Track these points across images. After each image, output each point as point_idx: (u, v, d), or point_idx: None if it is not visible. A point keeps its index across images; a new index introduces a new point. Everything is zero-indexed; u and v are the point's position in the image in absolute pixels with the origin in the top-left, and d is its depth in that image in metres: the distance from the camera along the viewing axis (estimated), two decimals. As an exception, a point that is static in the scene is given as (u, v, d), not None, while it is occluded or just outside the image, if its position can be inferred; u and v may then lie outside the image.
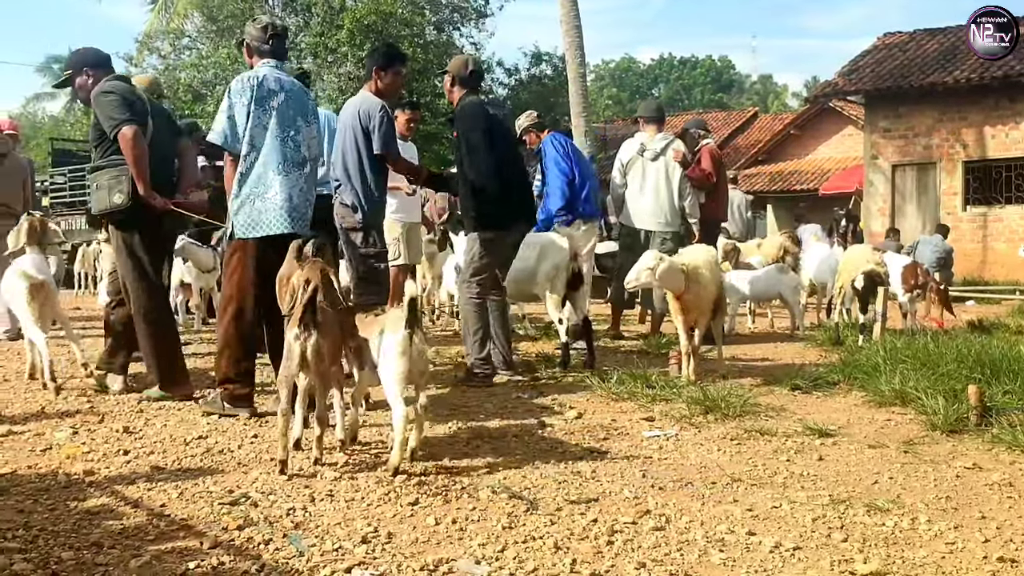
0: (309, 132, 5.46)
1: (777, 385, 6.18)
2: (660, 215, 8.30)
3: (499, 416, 5.27)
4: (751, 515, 3.52)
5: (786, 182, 29.36)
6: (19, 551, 3.05)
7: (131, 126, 5.32)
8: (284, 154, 5.28)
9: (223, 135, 5.27)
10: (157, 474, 4.00)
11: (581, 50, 17.59)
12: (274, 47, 5.46)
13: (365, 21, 23.14)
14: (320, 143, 5.62)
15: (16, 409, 5.36)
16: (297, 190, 5.31)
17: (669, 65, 68.13)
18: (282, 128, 5.29)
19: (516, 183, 6.46)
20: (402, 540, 3.21)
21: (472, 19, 26.88)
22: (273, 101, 5.28)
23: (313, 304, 4.02)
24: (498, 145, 6.37)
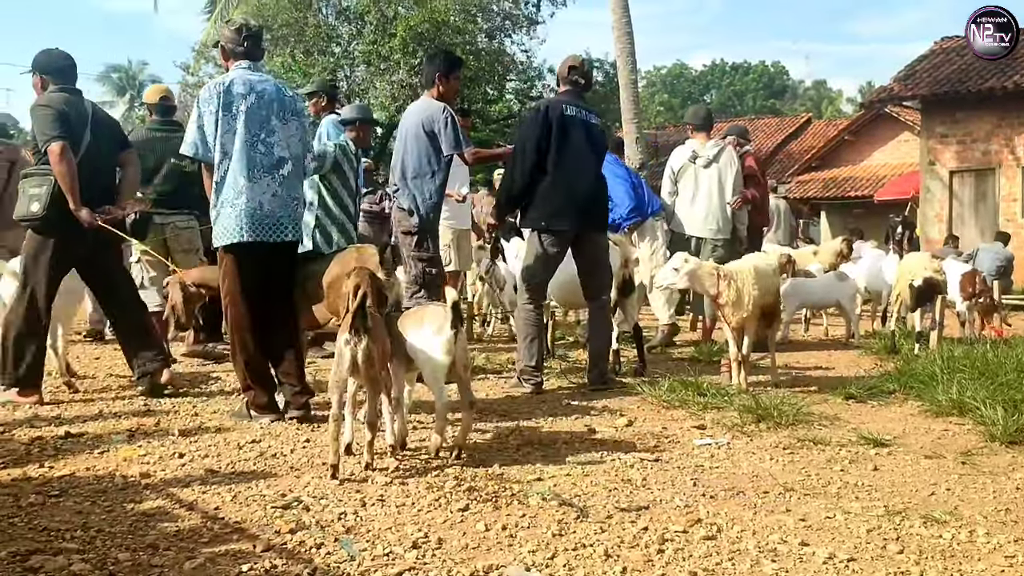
0: (287, 131, 5.30)
1: (831, 394, 6.10)
2: (712, 222, 8.23)
3: (549, 422, 5.27)
4: (804, 525, 3.47)
5: (840, 188, 29.03)
6: (77, 551, 3.10)
7: (59, 142, 5.45)
8: (252, 159, 5.15)
9: (194, 146, 5.20)
10: (211, 477, 4.06)
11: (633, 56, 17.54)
12: (248, 48, 5.34)
13: (418, 29, 23.26)
14: (303, 141, 5.46)
15: (74, 412, 5.46)
16: (270, 195, 5.18)
17: (721, 71, 67.78)
18: (250, 132, 5.16)
19: (577, 186, 6.35)
20: (452, 546, 3.22)
21: (524, 26, 26.89)
22: (241, 104, 5.16)
23: (363, 310, 4.05)
24: (560, 146, 6.31)
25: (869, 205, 26.93)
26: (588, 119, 6.46)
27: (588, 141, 6.41)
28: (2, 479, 3.99)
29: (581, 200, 6.37)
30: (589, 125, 6.44)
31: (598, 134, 6.54)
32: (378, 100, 24.21)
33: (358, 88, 25.45)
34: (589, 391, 6.22)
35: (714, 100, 61.57)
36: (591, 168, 6.45)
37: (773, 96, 65.85)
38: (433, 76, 6.61)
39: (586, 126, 6.42)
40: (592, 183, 6.45)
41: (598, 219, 6.58)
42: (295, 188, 5.36)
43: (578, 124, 6.38)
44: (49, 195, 5.53)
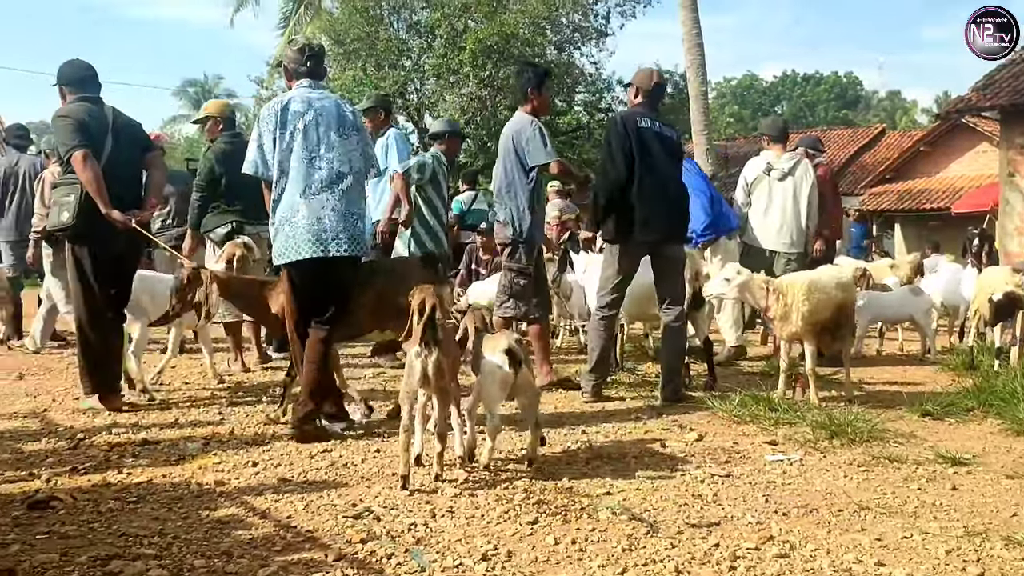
0: (347, 145, 5.27)
1: (907, 410, 5.96)
2: (786, 235, 8.14)
3: (617, 436, 5.24)
4: (880, 545, 3.40)
5: (915, 200, 28.47)
6: (154, 557, 3.17)
7: (80, 150, 5.56)
8: (309, 175, 5.16)
9: (253, 164, 5.25)
10: (284, 486, 4.11)
11: (703, 68, 17.44)
12: (311, 68, 5.40)
13: (487, 42, 23.39)
14: (365, 155, 5.41)
15: (152, 419, 5.58)
16: (328, 210, 5.15)
17: (792, 82, 67.05)
18: (307, 149, 5.18)
19: (660, 197, 6.34)
20: (522, 559, 3.22)
21: (592, 38, 26.85)
22: (299, 122, 5.19)
23: (433, 322, 4.08)
24: (641, 158, 6.31)
25: (945, 217, 26.34)
26: (662, 131, 6.44)
27: (666, 152, 6.41)
28: (83, 485, 4.09)
29: (664, 211, 6.36)
30: (663, 136, 6.42)
31: (674, 145, 6.52)
32: (447, 112, 24.36)
33: (428, 101, 25.68)
34: (660, 405, 6.18)
35: (785, 111, 60.88)
36: (673, 178, 6.46)
37: (846, 107, 64.93)
38: (525, 91, 6.82)
39: (660, 137, 6.40)
40: (674, 193, 6.45)
41: (679, 230, 6.59)
42: (355, 203, 5.30)
43: (653, 136, 6.37)
44: (77, 203, 5.67)
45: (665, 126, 6.53)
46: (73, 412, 5.80)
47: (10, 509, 3.72)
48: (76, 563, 3.09)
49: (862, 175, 31.93)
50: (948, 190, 27.93)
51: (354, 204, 5.28)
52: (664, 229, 6.39)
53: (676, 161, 6.52)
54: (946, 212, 26.38)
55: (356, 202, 5.32)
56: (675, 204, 6.45)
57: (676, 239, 6.55)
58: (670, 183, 6.42)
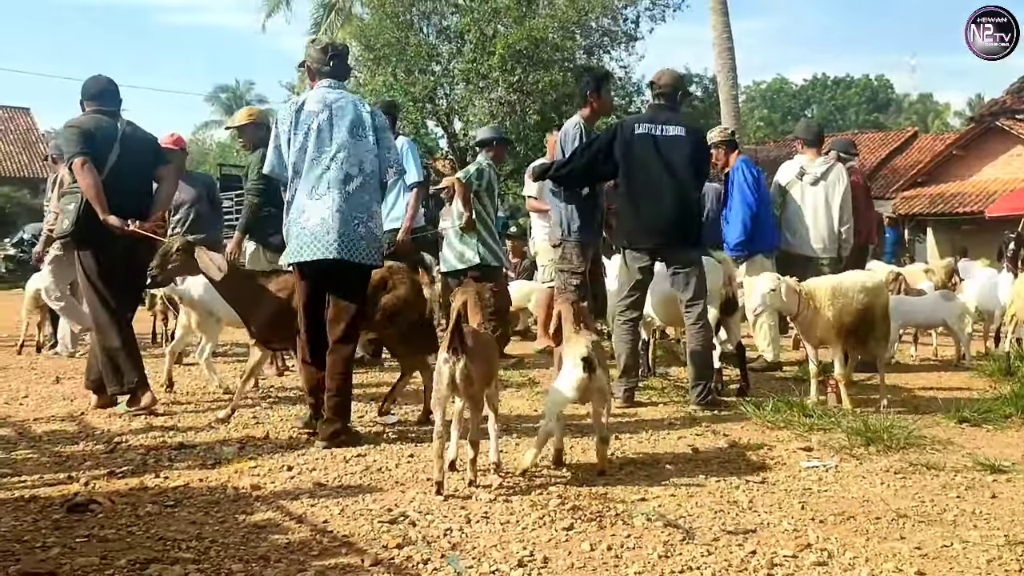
0: (361, 147, 5.22)
1: (943, 416, 5.90)
2: (819, 240, 8.09)
3: (651, 442, 5.22)
4: (920, 554, 3.37)
5: (948, 204, 28.21)
6: (193, 561, 3.19)
7: (80, 157, 5.70)
8: (318, 175, 5.13)
9: (271, 164, 5.29)
10: (319, 490, 4.13)
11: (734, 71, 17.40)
12: (333, 67, 5.38)
13: (517, 47, 23.44)
14: (381, 157, 5.32)
15: (188, 423, 5.62)
16: (334, 210, 5.09)
17: (823, 85, 66.65)
18: (319, 148, 5.15)
19: (649, 206, 6.36)
20: (558, 565, 3.21)
21: (622, 43, 26.86)
22: (312, 122, 5.17)
23: (459, 328, 4.09)
24: (629, 166, 6.39)
25: (979, 221, 26.07)
26: (665, 134, 6.34)
27: (663, 159, 6.31)
28: (121, 488, 4.13)
29: (654, 220, 6.37)
30: (668, 141, 6.33)
31: (680, 150, 6.34)
32: (477, 117, 24.44)
33: (457, 106, 25.73)
34: (692, 410, 6.16)
35: (816, 115, 60.52)
36: (667, 186, 6.32)
37: (877, 110, 64.46)
38: (585, 94, 6.88)
39: (664, 142, 6.33)
40: (670, 199, 6.33)
41: (676, 236, 6.41)
42: (360, 206, 5.18)
43: (651, 141, 6.33)
44: (77, 211, 5.80)
45: (679, 127, 6.40)
46: (109, 415, 5.86)
47: (50, 512, 3.76)
48: (116, 566, 3.12)
49: (894, 179, 31.68)
50: (981, 194, 27.66)
51: (359, 207, 5.18)
52: (655, 236, 6.40)
53: (687, 165, 6.34)
54: (979, 216, 26.11)
55: (364, 204, 5.21)
56: (671, 210, 6.33)
57: (675, 244, 6.42)
58: (664, 189, 6.32)
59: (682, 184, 6.36)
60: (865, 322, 6.28)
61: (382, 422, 5.66)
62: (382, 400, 5.96)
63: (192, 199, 8.51)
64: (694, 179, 6.46)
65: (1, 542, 3.37)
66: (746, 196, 7.93)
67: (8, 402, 6.30)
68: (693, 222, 6.50)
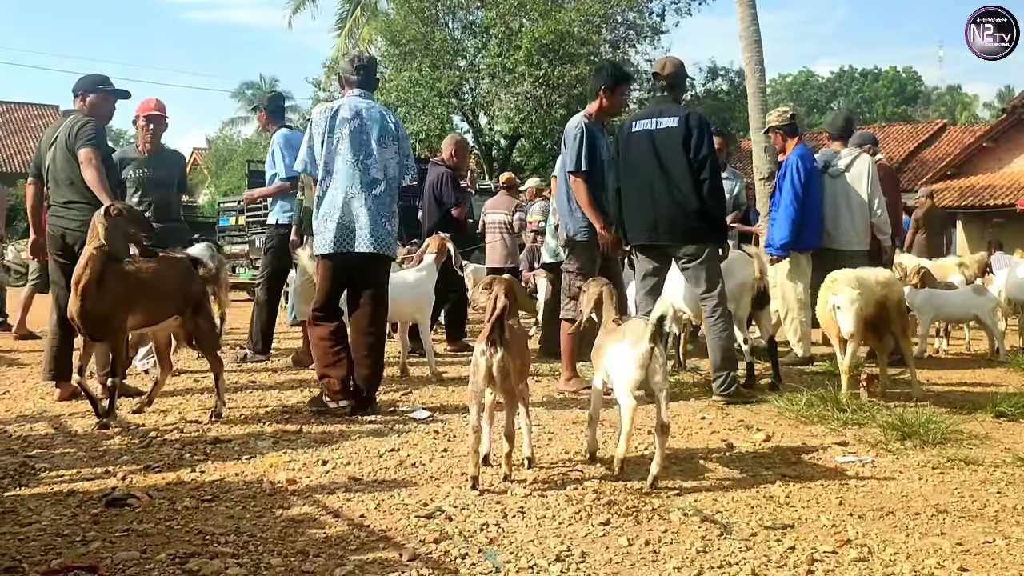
0: (385, 154, 5.85)
1: (979, 411, 5.84)
2: (846, 233, 7.99)
3: (684, 436, 5.20)
4: (962, 550, 3.33)
5: (978, 197, 27.91)
6: (232, 555, 3.20)
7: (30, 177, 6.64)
8: (353, 177, 5.76)
9: (303, 163, 5.89)
10: (354, 485, 4.13)
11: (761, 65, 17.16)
12: (361, 78, 5.99)
13: (542, 41, 23.40)
14: (401, 164, 5.96)
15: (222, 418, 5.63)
16: (365, 211, 5.75)
17: (849, 78, 66.14)
18: (353, 153, 5.76)
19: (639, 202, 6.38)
20: (596, 560, 3.20)
21: (648, 36, 26.78)
22: (345, 128, 5.77)
23: (501, 322, 4.07)
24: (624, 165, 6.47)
25: (1010, 214, 25.81)
26: (659, 127, 6.26)
27: (657, 154, 6.24)
28: (158, 483, 4.15)
29: (646, 214, 6.34)
30: (662, 134, 6.23)
31: (674, 140, 6.19)
32: (502, 112, 24.43)
33: (483, 100, 25.72)
34: (714, 401, 6.17)
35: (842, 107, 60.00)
36: (662, 182, 6.23)
37: (905, 102, 63.90)
38: (598, 88, 6.67)
39: (654, 137, 6.25)
40: (664, 197, 6.23)
41: (673, 231, 6.29)
42: (386, 206, 5.85)
43: (646, 138, 6.29)
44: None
45: (673, 117, 6.24)
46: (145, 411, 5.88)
47: (89, 507, 3.78)
48: (156, 560, 3.13)
49: (922, 171, 31.41)
50: (1012, 186, 27.36)
51: (384, 208, 5.84)
52: (649, 232, 6.36)
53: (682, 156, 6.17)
54: (1011, 208, 25.84)
55: (387, 206, 5.87)
56: (666, 206, 6.24)
57: (676, 240, 6.32)
58: (658, 185, 6.24)
59: (678, 177, 6.20)
60: (882, 315, 6.28)
61: (414, 417, 5.66)
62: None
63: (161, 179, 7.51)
64: (692, 169, 6.18)
65: (42, 536, 3.40)
66: (796, 192, 7.69)
67: (43, 396, 6.35)
68: (694, 214, 6.22)
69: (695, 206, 6.19)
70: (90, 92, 6.42)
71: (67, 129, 6.24)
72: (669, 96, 6.49)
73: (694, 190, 6.18)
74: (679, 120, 6.22)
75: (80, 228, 5.89)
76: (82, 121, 6.23)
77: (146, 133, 7.41)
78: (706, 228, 6.27)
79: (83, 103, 6.42)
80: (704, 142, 6.18)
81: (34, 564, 3.09)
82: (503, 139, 26.53)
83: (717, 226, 6.36)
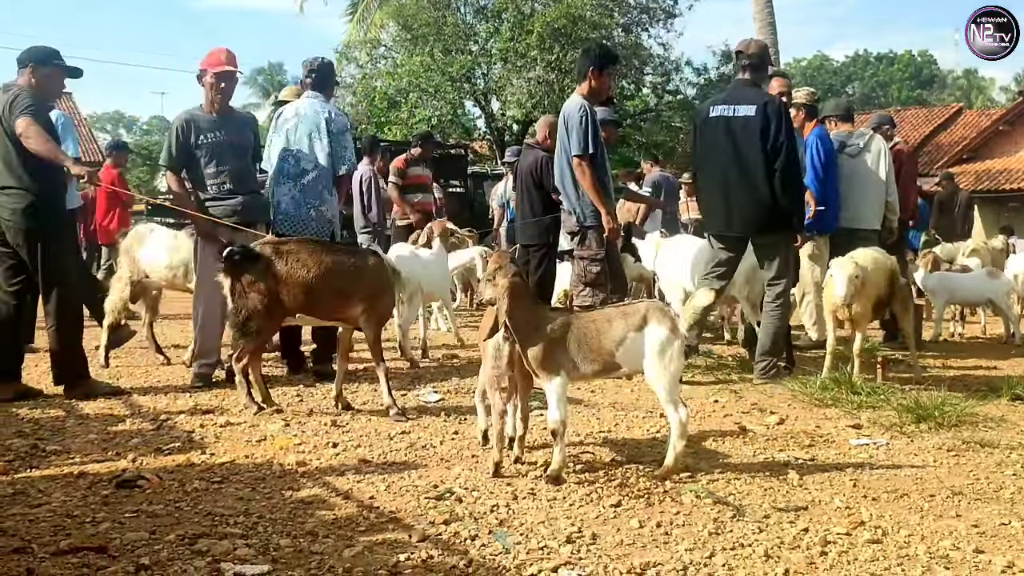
0: (318, 147, 6.48)
1: (995, 394, 5.79)
2: (862, 214, 7.91)
3: (697, 420, 5.16)
4: (977, 532, 3.30)
5: (994, 181, 27.67)
6: (241, 536, 3.19)
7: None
8: (282, 169, 6.51)
9: (267, 161, 6.69)
10: (364, 467, 4.12)
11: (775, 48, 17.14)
12: (313, 80, 6.69)
13: (555, 25, 23.27)
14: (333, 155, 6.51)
15: (230, 401, 5.62)
16: (288, 198, 6.47)
17: (864, 62, 65.64)
18: (284, 147, 6.54)
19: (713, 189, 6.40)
20: (607, 541, 3.17)
21: (660, 19, 26.56)
22: (286, 126, 6.58)
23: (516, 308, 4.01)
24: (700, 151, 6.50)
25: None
26: (737, 114, 6.18)
27: (733, 142, 6.18)
28: (168, 465, 4.14)
29: (719, 202, 6.33)
30: (739, 122, 6.16)
31: (750, 129, 6.13)
32: (515, 97, 24.31)
33: (495, 85, 25.62)
34: (753, 381, 6.22)
35: (857, 92, 59.65)
36: (736, 170, 6.19)
37: (920, 86, 63.37)
38: (586, 70, 6.59)
39: (731, 124, 6.19)
40: (738, 186, 6.21)
41: (749, 222, 6.28)
42: (313, 195, 6.49)
43: (722, 125, 6.22)
44: None
45: (751, 105, 6.17)
46: (155, 394, 5.89)
47: (99, 488, 3.78)
48: (165, 541, 3.12)
49: (938, 155, 31.14)
50: (1029, 170, 27.13)
51: (313, 195, 6.50)
52: (724, 223, 6.35)
53: (758, 144, 6.10)
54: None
55: (315, 194, 6.50)
56: (740, 194, 6.21)
57: (748, 230, 6.31)
58: (732, 173, 6.21)
59: (752, 168, 6.15)
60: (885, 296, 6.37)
61: (424, 400, 5.65)
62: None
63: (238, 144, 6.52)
64: (767, 160, 6.12)
65: (52, 517, 3.39)
66: (818, 174, 7.57)
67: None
68: (768, 206, 6.18)
69: (769, 198, 6.16)
70: (42, 64, 5.73)
71: (3, 105, 5.56)
72: (749, 79, 6.41)
73: (768, 181, 6.14)
74: (756, 109, 6.17)
75: (12, 216, 5.56)
76: (17, 93, 5.57)
77: (215, 92, 6.25)
78: (780, 218, 6.24)
79: (31, 76, 5.71)
80: (781, 131, 6.14)
81: (44, 545, 3.09)
82: (515, 124, 26.38)
83: (791, 216, 6.28)
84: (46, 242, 5.64)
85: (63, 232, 5.91)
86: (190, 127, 6.21)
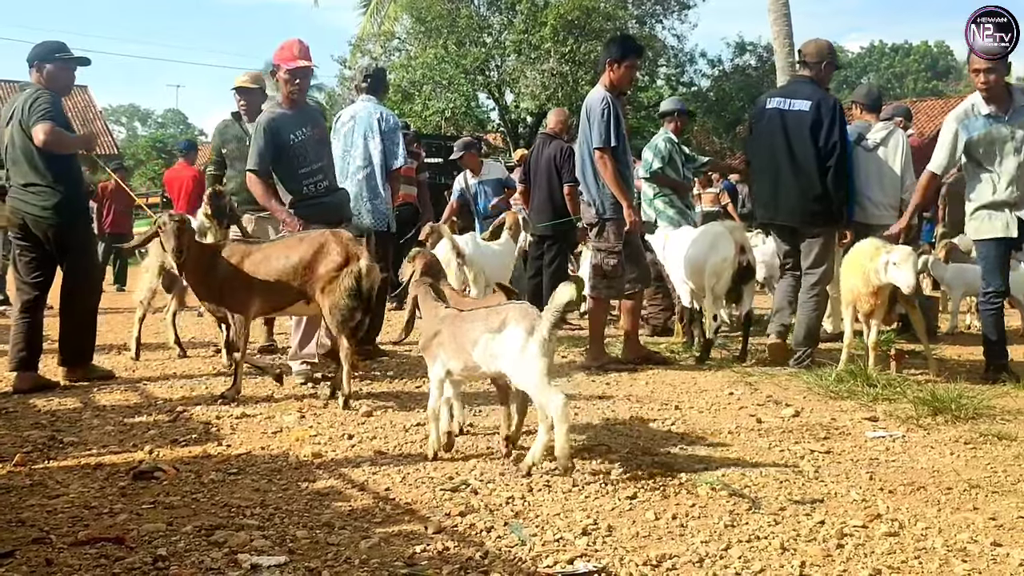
0: (372, 145, 6.88)
1: (1012, 387, 5.75)
2: (879, 207, 7.85)
3: (712, 412, 5.16)
4: (995, 525, 3.28)
5: (1010, 172, 27.46)
6: (257, 527, 3.20)
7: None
8: (342, 168, 6.78)
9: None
10: (380, 458, 4.13)
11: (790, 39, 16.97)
12: (369, 85, 7.13)
13: (568, 17, 23.22)
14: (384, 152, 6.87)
15: (248, 392, 5.64)
16: (352, 194, 6.71)
17: (880, 52, 65.39)
18: (344, 148, 6.94)
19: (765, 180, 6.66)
20: (622, 534, 3.17)
21: (674, 11, 26.50)
22: (344, 128, 7.02)
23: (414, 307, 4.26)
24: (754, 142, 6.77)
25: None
26: (792, 108, 6.43)
27: (786, 135, 6.41)
28: (184, 456, 4.17)
29: (769, 195, 6.61)
30: (793, 116, 6.40)
31: (803, 123, 6.36)
32: (528, 89, 24.29)
33: (509, 78, 25.58)
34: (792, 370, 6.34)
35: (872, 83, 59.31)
36: (787, 163, 6.42)
37: (936, 78, 63.05)
38: (604, 62, 6.65)
39: (785, 118, 6.42)
40: (789, 178, 6.42)
41: (798, 213, 6.53)
42: (370, 189, 6.90)
43: (777, 118, 6.45)
44: None
45: (806, 100, 6.41)
46: (171, 385, 5.92)
47: (116, 479, 3.80)
48: (182, 532, 3.14)
49: (954, 147, 30.94)
50: (1046, 161, 26.87)
51: (370, 189, 6.91)
52: (772, 212, 6.60)
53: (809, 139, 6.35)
54: (1044, 184, 25.40)
55: (372, 188, 6.91)
56: (789, 189, 6.45)
57: (794, 221, 6.55)
58: (783, 165, 6.42)
59: (803, 161, 6.39)
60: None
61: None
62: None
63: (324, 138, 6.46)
64: (819, 155, 6.36)
65: (70, 508, 3.42)
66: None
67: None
68: (815, 200, 6.43)
69: (817, 192, 6.39)
70: (47, 62, 5.83)
71: (22, 105, 5.70)
72: (807, 77, 6.63)
73: (818, 176, 6.36)
74: (811, 105, 6.38)
75: (40, 212, 5.70)
76: (35, 95, 5.70)
77: (290, 88, 6.00)
78: (825, 212, 6.48)
79: (39, 75, 5.83)
80: (835, 129, 6.37)
81: (62, 536, 3.11)
82: (529, 116, 26.36)
83: (837, 211, 6.52)
84: (72, 234, 5.86)
85: (85, 224, 6.29)
86: (278, 127, 5.95)
